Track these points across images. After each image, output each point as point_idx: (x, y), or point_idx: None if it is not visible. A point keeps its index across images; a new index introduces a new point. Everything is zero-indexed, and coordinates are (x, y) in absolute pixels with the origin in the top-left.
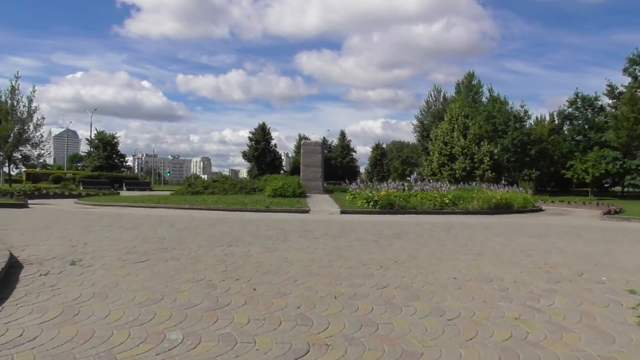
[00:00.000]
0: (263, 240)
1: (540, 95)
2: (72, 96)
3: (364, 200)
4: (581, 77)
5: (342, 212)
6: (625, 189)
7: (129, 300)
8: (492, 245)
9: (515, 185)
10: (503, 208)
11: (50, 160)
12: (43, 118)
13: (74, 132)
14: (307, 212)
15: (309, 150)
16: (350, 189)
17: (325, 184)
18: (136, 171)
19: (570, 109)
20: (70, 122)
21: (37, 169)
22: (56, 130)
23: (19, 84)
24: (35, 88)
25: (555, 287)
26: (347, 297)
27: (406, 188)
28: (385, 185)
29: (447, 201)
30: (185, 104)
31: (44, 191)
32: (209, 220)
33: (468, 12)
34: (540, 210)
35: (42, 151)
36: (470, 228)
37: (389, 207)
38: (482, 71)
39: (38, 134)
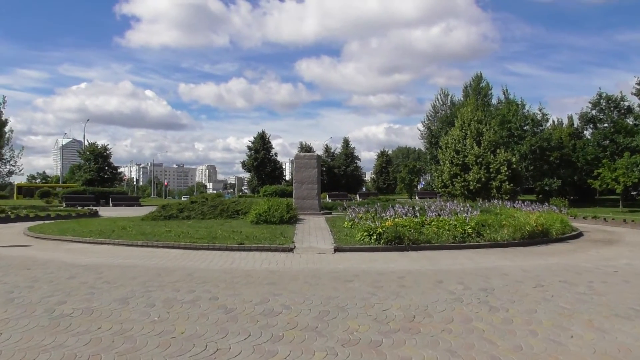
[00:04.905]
0: None
1: (544, 97)
2: (76, 106)
3: (365, 233)
4: (585, 78)
5: (337, 250)
6: None
7: None
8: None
9: (546, 200)
10: (539, 236)
11: (57, 172)
12: (12, 131)
13: (80, 142)
14: (290, 250)
15: (302, 165)
16: (347, 217)
17: (326, 198)
18: (140, 182)
19: (593, 111)
20: (65, 134)
21: (38, 181)
22: (64, 141)
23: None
24: (5, 98)
25: None
26: None
27: (418, 214)
28: (392, 211)
29: (469, 230)
30: (189, 113)
31: (5, 214)
32: (137, 280)
33: (467, 15)
34: (580, 235)
35: (13, 168)
36: (518, 290)
37: (396, 242)
38: (485, 74)
39: (7, 147)
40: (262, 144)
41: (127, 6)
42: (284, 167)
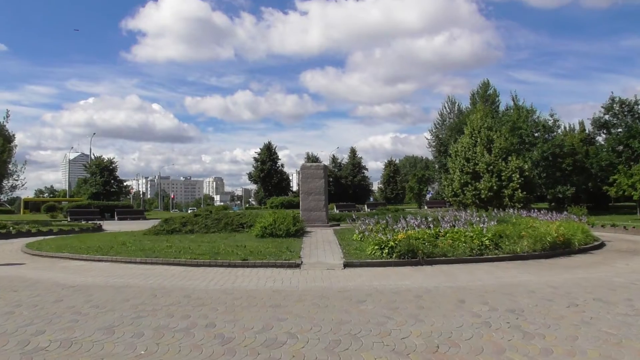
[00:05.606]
0: None
1: (550, 104)
2: (84, 121)
3: (376, 246)
4: (591, 85)
5: (346, 265)
6: None
7: None
8: None
9: (559, 208)
10: (560, 247)
11: (65, 186)
12: (15, 146)
13: (88, 156)
14: (297, 266)
15: (309, 175)
16: (357, 229)
17: (334, 209)
18: (148, 195)
19: (606, 116)
20: (72, 147)
21: (46, 195)
22: (72, 155)
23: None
24: (9, 112)
25: None
26: None
27: (431, 225)
28: (404, 222)
29: (486, 242)
30: (196, 125)
31: (6, 229)
32: (129, 303)
33: (470, 24)
34: (603, 245)
35: (16, 182)
36: (550, 310)
37: (410, 256)
38: (490, 82)
39: (11, 163)
40: (268, 155)
41: (132, 21)
42: (290, 178)
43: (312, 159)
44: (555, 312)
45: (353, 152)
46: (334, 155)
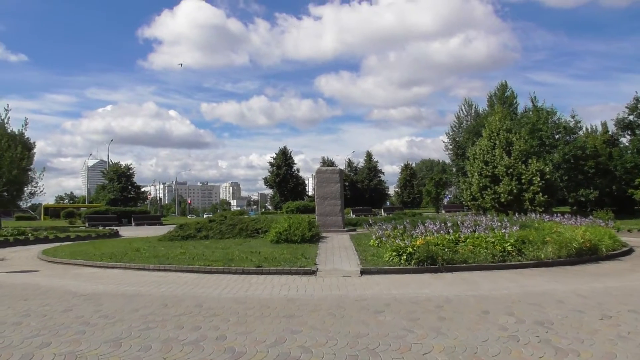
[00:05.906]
0: None
1: (569, 106)
2: (103, 128)
3: (394, 253)
4: (612, 85)
5: (363, 272)
6: None
7: None
8: None
9: (581, 212)
10: (587, 253)
11: (84, 192)
12: (34, 153)
13: (106, 163)
14: (312, 273)
15: (324, 179)
16: (373, 234)
17: (350, 214)
18: (165, 200)
19: (631, 117)
20: (91, 154)
21: (66, 202)
22: (91, 162)
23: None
24: (28, 120)
25: None
26: None
27: (450, 230)
28: (422, 228)
29: (509, 248)
30: (212, 131)
31: (25, 236)
32: (138, 313)
33: (486, 25)
34: (631, 251)
35: (35, 189)
36: (582, 323)
37: (429, 262)
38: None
39: (31, 170)
40: (283, 160)
41: (148, 30)
42: (306, 182)
43: (327, 163)
44: (587, 325)
45: (369, 156)
46: (349, 160)
